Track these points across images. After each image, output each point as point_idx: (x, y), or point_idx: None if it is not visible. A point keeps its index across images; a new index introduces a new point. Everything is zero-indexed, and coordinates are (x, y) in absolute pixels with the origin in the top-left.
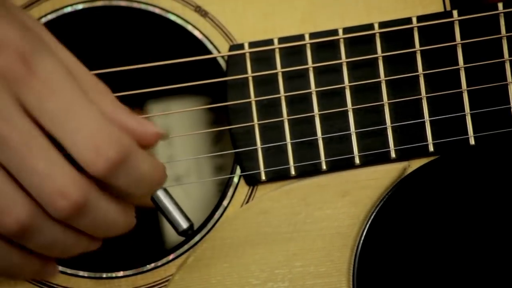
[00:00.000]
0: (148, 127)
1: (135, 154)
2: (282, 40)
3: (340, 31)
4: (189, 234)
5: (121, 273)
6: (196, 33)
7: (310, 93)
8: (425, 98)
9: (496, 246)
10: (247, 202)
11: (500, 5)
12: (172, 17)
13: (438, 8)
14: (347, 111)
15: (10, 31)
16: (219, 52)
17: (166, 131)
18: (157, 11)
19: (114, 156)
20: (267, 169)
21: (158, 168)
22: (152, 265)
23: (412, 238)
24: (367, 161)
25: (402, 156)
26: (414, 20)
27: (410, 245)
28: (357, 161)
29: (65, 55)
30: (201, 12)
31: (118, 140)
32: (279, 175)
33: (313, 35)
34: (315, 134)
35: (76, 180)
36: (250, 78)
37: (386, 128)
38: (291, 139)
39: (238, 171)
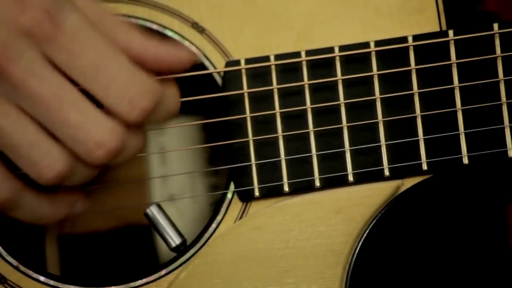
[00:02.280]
0: (181, 54)
1: (165, 94)
2: (278, 57)
3: (336, 49)
4: (181, 250)
5: None
6: (193, 49)
7: (306, 110)
8: (419, 116)
9: (488, 266)
10: (240, 218)
11: (495, 26)
12: (169, 33)
13: (434, 28)
14: (341, 128)
15: None
16: (215, 68)
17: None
18: (154, 27)
19: (147, 105)
20: (261, 185)
21: (178, 98)
22: (144, 280)
23: (404, 256)
24: (360, 179)
25: (396, 174)
26: (410, 39)
27: (402, 264)
28: (350, 178)
29: (84, 4)
30: (198, 28)
31: (150, 88)
32: (272, 192)
33: (309, 53)
34: (309, 151)
35: (109, 128)
36: (246, 94)
37: (380, 146)
38: (285, 155)
39: (232, 187)
